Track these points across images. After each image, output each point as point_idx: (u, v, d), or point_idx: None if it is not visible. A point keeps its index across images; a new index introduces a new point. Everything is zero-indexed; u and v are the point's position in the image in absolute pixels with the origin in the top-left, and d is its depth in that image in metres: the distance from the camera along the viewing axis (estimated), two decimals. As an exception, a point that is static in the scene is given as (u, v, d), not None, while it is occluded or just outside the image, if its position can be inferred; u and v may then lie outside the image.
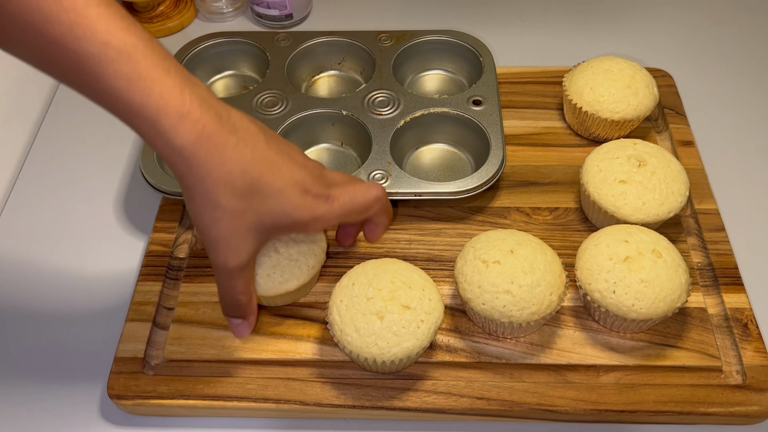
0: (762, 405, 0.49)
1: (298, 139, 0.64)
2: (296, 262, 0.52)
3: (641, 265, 0.49)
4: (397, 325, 0.46)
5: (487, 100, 0.63)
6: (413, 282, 0.48)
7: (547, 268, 0.50)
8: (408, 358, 0.48)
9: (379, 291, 0.47)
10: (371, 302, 0.47)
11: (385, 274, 0.49)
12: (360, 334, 0.47)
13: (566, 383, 0.51)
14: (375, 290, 0.47)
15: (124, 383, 0.51)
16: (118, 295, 0.58)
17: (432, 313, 0.48)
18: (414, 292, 0.48)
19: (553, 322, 0.53)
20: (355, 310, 0.47)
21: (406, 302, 0.47)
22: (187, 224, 0.61)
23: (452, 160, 0.64)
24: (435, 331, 0.48)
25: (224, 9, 0.82)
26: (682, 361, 0.51)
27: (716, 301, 0.55)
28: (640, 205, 0.55)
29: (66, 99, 0.74)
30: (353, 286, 0.49)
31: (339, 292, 0.49)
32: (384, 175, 0.58)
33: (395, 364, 0.48)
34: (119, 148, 0.69)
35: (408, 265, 0.50)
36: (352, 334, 0.47)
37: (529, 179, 0.63)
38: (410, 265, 0.50)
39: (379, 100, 0.64)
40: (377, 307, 0.47)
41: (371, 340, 0.46)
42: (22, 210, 0.65)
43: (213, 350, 0.53)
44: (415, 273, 0.49)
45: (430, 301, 0.48)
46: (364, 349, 0.47)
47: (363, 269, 0.50)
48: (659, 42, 0.78)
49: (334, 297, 0.49)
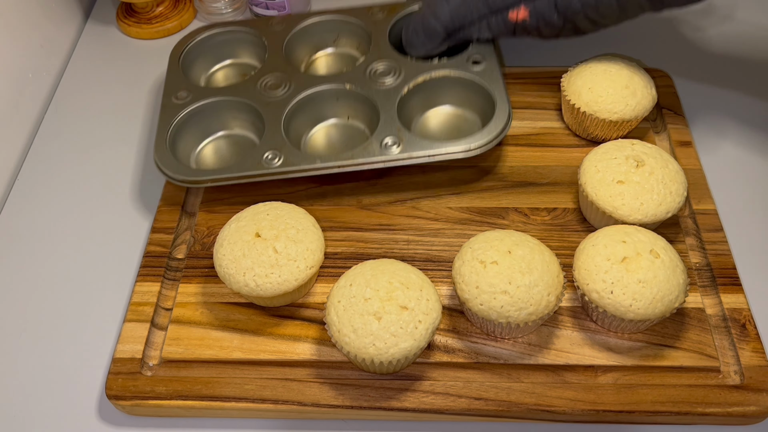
0: (760, 405, 0.49)
1: (306, 118, 0.65)
2: (294, 262, 0.52)
3: (639, 265, 0.49)
4: (394, 326, 0.46)
5: (486, 58, 0.64)
6: (411, 282, 0.48)
7: (545, 268, 0.50)
8: (406, 359, 0.48)
9: (376, 291, 0.47)
10: (369, 303, 0.47)
11: (382, 274, 0.48)
12: (357, 334, 0.47)
13: (564, 383, 0.51)
14: (373, 291, 0.47)
15: (122, 384, 0.51)
16: (116, 296, 0.58)
17: (430, 313, 0.48)
18: (412, 292, 0.48)
19: (551, 323, 0.53)
20: (352, 310, 0.47)
21: (404, 303, 0.47)
22: (186, 225, 0.61)
23: (459, 121, 0.65)
24: (433, 331, 0.48)
25: (223, 9, 0.82)
26: (680, 362, 0.51)
27: (714, 302, 0.55)
28: (638, 205, 0.55)
29: (65, 99, 0.75)
30: (351, 286, 0.48)
31: (337, 292, 0.49)
32: (395, 140, 0.58)
33: (393, 364, 0.48)
34: (118, 149, 0.69)
35: (406, 265, 0.50)
36: (349, 335, 0.47)
37: (527, 179, 0.63)
38: (408, 266, 0.50)
39: (380, 71, 0.64)
40: (375, 307, 0.47)
41: (369, 341, 0.46)
42: (21, 210, 0.65)
43: (211, 351, 0.53)
44: (412, 273, 0.49)
45: (427, 301, 0.48)
46: (362, 349, 0.47)
47: (361, 270, 0.50)
48: (658, 42, 0.78)
49: (332, 297, 0.49)
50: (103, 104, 0.74)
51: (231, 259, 0.52)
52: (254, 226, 0.53)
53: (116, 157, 0.69)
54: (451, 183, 0.63)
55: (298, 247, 0.52)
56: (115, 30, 0.82)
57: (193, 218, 0.61)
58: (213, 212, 0.61)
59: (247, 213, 0.54)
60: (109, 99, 0.74)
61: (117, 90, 0.75)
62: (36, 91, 0.74)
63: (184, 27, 0.82)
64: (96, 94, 0.75)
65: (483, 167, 0.64)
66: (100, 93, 0.75)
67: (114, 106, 0.74)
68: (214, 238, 0.59)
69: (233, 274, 0.52)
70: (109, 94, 0.75)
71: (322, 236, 0.54)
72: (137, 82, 0.76)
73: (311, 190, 0.63)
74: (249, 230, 0.53)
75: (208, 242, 0.59)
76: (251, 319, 0.54)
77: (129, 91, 0.75)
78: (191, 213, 0.62)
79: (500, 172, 0.64)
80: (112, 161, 0.68)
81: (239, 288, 0.52)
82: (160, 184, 0.65)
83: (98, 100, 0.74)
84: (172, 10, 0.81)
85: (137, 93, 0.75)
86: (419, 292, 0.48)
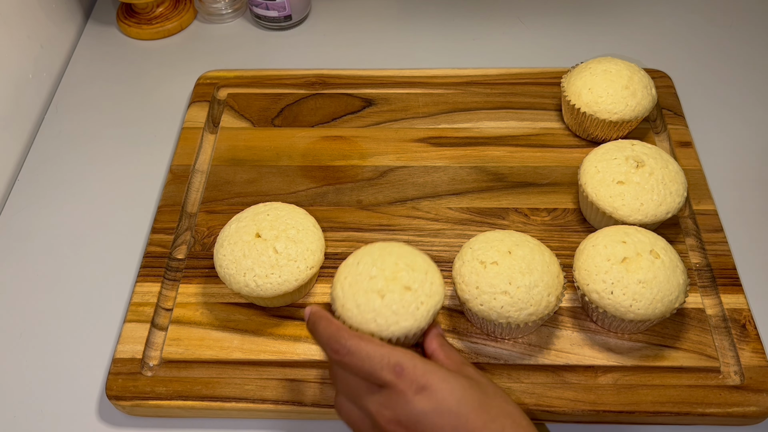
0: (760, 405, 0.49)
1: None
2: (295, 263, 0.52)
3: (639, 265, 0.49)
4: (396, 305, 0.47)
5: None
6: (417, 265, 0.49)
7: (545, 268, 0.50)
8: (406, 338, 0.48)
9: (382, 271, 0.48)
10: (374, 281, 0.47)
11: (390, 255, 0.49)
12: (360, 310, 0.47)
13: (564, 384, 0.51)
14: (378, 270, 0.48)
15: (123, 384, 0.51)
16: (117, 296, 0.58)
17: (432, 296, 0.48)
18: (417, 274, 0.48)
19: (551, 323, 0.53)
20: (357, 286, 0.48)
21: (408, 283, 0.47)
22: (186, 225, 0.61)
23: None
24: (434, 314, 0.48)
25: (223, 10, 0.82)
26: (680, 362, 0.51)
27: (714, 302, 0.55)
28: (638, 205, 0.55)
29: (65, 100, 0.75)
30: (358, 264, 0.49)
31: (344, 269, 0.50)
32: None
33: (393, 343, 0.48)
34: (118, 149, 0.69)
35: (413, 249, 0.51)
36: (352, 309, 0.47)
37: (528, 180, 0.63)
38: (415, 250, 0.51)
39: None
40: (379, 285, 0.47)
41: (371, 317, 0.47)
42: (21, 210, 0.65)
43: (211, 351, 0.53)
44: (419, 257, 0.50)
45: (431, 284, 0.48)
46: (363, 324, 0.47)
47: (369, 250, 0.50)
48: (658, 43, 0.78)
49: (339, 274, 0.50)
50: (103, 104, 0.74)
51: (231, 260, 0.52)
52: (254, 226, 0.53)
53: (116, 157, 0.69)
54: (451, 183, 0.63)
55: (298, 248, 0.52)
56: (115, 30, 0.82)
57: (193, 218, 0.61)
58: (213, 212, 0.61)
59: (248, 213, 0.54)
60: (109, 99, 0.74)
61: (117, 90, 0.75)
62: (36, 91, 0.74)
63: (185, 27, 0.82)
64: (96, 95, 0.75)
65: (483, 167, 0.64)
66: (100, 93, 0.75)
67: (114, 107, 0.73)
68: (214, 239, 0.59)
69: (233, 275, 0.52)
70: (109, 95, 0.75)
71: (322, 236, 0.54)
72: (137, 83, 0.76)
73: (311, 191, 0.63)
74: (249, 231, 0.53)
75: (208, 242, 0.59)
76: (251, 320, 0.54)
77: (129, 91, 0.75)
78: (191, 213, 0.62)
79: (500, 172, 0.64)
80: (113, 161, 0.68)
81: (239, 288, 0.52)
82: (160, 184, 0.65)
83: (98, 100, 0.74)
84: (172, 10, 0.81)
85: (137, 93, 0.75)
86: (424, 275, 0.48)
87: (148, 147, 0.69)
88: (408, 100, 0.69)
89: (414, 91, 0.70)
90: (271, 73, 0.73)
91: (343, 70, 0.73)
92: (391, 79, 0.72)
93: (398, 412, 0.39)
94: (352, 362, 0.41)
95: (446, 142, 0.66)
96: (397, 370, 0.40)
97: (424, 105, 0.69)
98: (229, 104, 0.70)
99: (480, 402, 0.40)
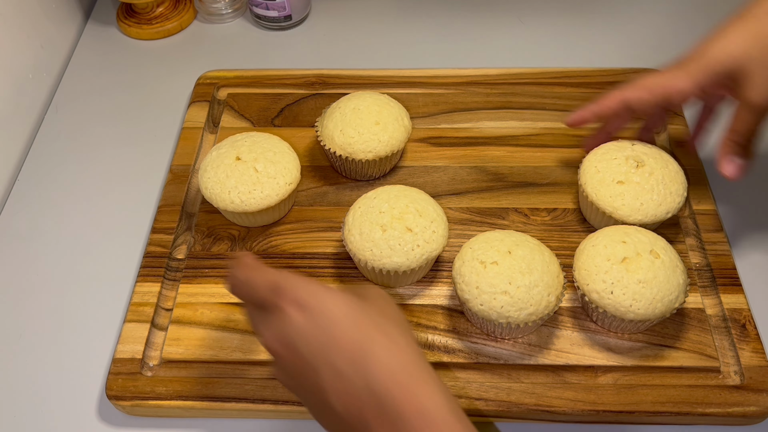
0: (760, 405, 0.49)
1: None
2: (274, 179, 0.56)
3: (639, 265, 0.49)
4: (394, 241, 0.51)
5: None
6: (426, 212, 0.53)
7: (545, 268, 0.50)
8: (396, 274, 0.52)
9: (392, 209, 0.52)
10: (381, 215, 0.52)
11: (404, 198, 0.53)
12: (362, 237, 0.52)
13: (564, 384, 0.51)
14: (389, 207, 0.52)
15: (123, 384, 0.51)
16: (117, 296, 0.58)
17: (430, 243, 0.52)
18: (422, 220, 0.52)
19: (551, 323, 0.53)
20: (365, 217, 0.53)
21: (411, 226, 0.52)
22: (186, 225, 0.61)
23: None
24: (427, 259, 0.52)
25: (223, 10, 0.82)
26: (680, 362, 0.51)
27: (714, 302, 0.55)
28: (638, 205, 0.55)
29: (65, 100, 0.75)
30: (374, 198, 0.54)
31: (361, 200, 0.54)
32: None
33: (383, 275, 0.53)
34: (118, 149, 0.69)
35: (430, 199, 0.55)
36: (355, 235, 0.52)
37: (528, 180, 0.63)
38: (431, 200, 0.54)
39: None
40: (384, 220, 0.52)
41: (368, 246, 0.52)
42: (21, 210, 0.65)
43: (211, 351, 0.53)
44: (431, 206, 0.54)
45: (433, 233, 0.52)
46: (360, 251, 0.52)
47: (389, 189, 0.55)
48: (658, 42, 0.78)
49: (356, 203, 0.55)
50: (103, 104, 0.74)
51: (215, 181, 0.57)
52: (234, 151, 0.57)
53: (116, 157, 0.69)
54: (451, 183, 0.63)
55: (276, 167, 0.57)
56: (115, 30, 0.82)
57: (193, 218, 0.61)
58: (213, 212, 0.61)
59: (226, 141, 0.59)
60: (109, 99, 0.74)
61: (117, 90, 0.75)
62: (36, 91, 0.74)
63: (184, 27, 0.82)
64: (96, 95, 0.75)
65: (483, 167, 0.64)
66: (100, 93, 0.75)
67: (114, 107, 0.73)
68: (214, 239, 0.59)
69: (219, 194, 0.56)
70: (109, 95, 0.75)
71: (296, 157, 0.59)
72: (137, 83, 0.76)
73: (311, 191, 0.63)
74: (230, 155, 0.57)
75: (208, 242, 0.59)
76: (251, 320, 0.54)
77: (129, 91, 0.75)
78: (191, 213, 0.62)
79: (500, 172, 0.64)
80: (112, 161, 0.68)
81: (225, 205, 0.56)
82: (160, 184, 0.65)
83: (98, 100, 0.74)
84: (172, 10, 0.81)
85: (137, 93, 0.75)
86: (429, 222, 0.52)
87: (148, 147, 0.69)
88: (408, 100, 0.69)
89: (414, 91, 0.70)
90: (271, 73, 0.73)
91: (343, 70, 0.73)
92: (391, 79, 0.72)
93: (278, 330, 0.38)
94: (243, 291, 0.40)
95: (446, 142, 0.66)
96: (277, 291, 0.38)
97: (424, 105, 0.69)
98: (229, 104, 0.70)
99: (356, 320, 0.38)
